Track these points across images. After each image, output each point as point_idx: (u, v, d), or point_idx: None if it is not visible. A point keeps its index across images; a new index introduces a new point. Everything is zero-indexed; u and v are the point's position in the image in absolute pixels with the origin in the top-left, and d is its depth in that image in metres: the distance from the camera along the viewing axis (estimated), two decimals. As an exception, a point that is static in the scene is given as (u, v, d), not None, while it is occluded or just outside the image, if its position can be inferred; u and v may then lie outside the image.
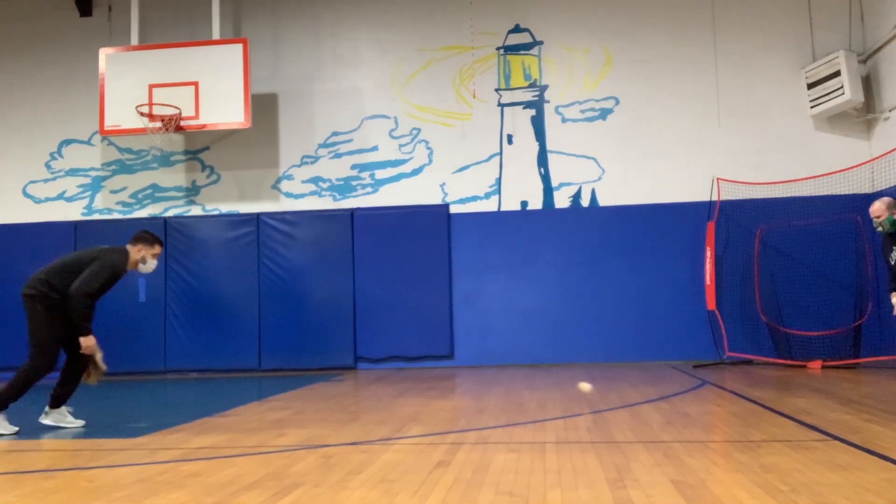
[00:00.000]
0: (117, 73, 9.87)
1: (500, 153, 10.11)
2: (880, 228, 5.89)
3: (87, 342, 5.24)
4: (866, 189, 9.17)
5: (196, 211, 10.57)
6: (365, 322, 9.94)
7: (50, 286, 5.31)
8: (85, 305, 5.18)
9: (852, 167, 9.08)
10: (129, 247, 5.55)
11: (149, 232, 5.65)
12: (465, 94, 10.22)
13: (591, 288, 9.70)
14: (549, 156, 10.02)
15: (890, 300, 6.03)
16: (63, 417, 5.51)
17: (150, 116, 9.59)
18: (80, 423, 5.53)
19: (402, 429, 4.90)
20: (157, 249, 5.62)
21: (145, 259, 5.55)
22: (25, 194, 10.91)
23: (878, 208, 5.86)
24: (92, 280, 5.21)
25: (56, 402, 5.50)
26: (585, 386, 6.84)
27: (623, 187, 9.81)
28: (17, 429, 5.27)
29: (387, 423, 5.15)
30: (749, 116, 9.70)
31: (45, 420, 5.50)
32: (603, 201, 9.85)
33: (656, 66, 9.91)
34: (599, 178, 9.89)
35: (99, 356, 5.42)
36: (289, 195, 10.43)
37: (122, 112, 9.73)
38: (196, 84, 9.69)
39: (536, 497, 3.04)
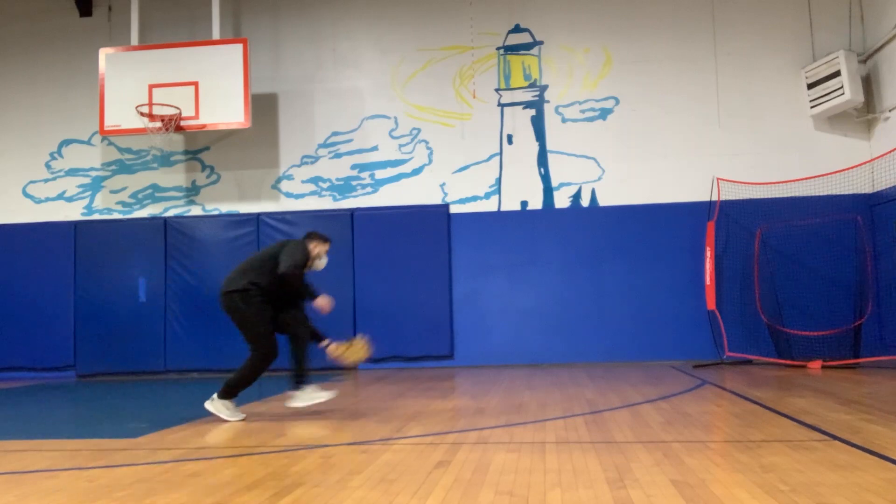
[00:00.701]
0: (117, 73, 9.87)
1: (500, 153, 10.11)
2: None
3: (321, 302, 5.73)
4: (866, 189, 9.17)
5: (196, 211, 10.57)
6: (365, 322, 9.94)
7: (249, 282, 5.56)
8: (299, 276, 5.55)
9: (852, 167, 9.08)
10: (305, 241, 5.83)
11: (319, 231, 5.96)
12: (465, 94, 10.22)
13: (591, 288, 9.70)
14: (549, 156, 10.02)
15: None
16: (314, 394, 5.68)
17: (150, 116, 9.59)
18: (330, 394, 5.73)
19: (402, 429, 4.90)
20: (328, 247, 5.93)
21: (321, 255, 5.88)
22: (25, 194, 10.91)
23: None
24: (293, 257, 5.53)
25: (299, 383, 5.70)
26: None
27: (623, 187, 9.81)
28: (244, 416, 5.63)
29: (387, 423, 5.15)
30: (749, 116, 9.70)
31: (297, 403, 5.67)
32: (603, 201, 9.85)
33: (656, 66, 9.92)
34: (599, 178, 9.89)
35: (361, 342, 5.82)
36: (289, 195, 10.43)
37: (122, 112, 9.73)
38: (196, 84, 9.69)
39: (536, 497, 3.04)
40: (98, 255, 10.40)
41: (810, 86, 9.35)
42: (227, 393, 5.65)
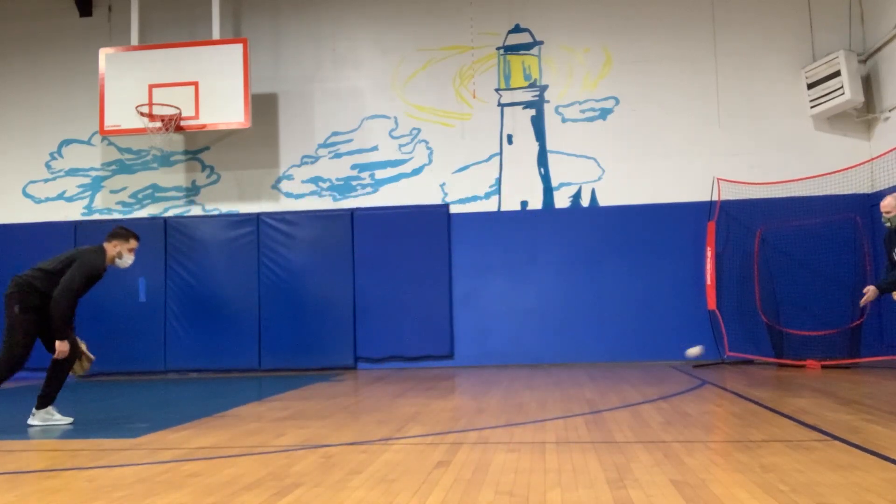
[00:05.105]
0: (117, 73, 9.87)
1: (500, 153, 10.11)
2: (888, 224, 6.06)
3: (63, 347, 5.28)
4: (866, 189, 9.17)
5: (196, 211, 10.57)
6: (365, 322, 9.94)
7: (32, 287, 5.32)
8: (67, 308, 5.23)
9: (852, 167, 9.08)
10: (105, 244, 5.59)
11: (123, 227, 5.72)
12: (465, 94, 10.22)
13: (592, 288, 9.70)
14: (549, 156, 10.02)
15: (891, 296, 6.16)
16: (50, 416, 5.52)
17: (150, 116, 9.59)
18: (69, 419, 5.55)
19: (402, 429, 4.90)
20: (133, 244, 5.66)
21: (121, 254, 5.60)
22: (25, 194, 10.91)
23: (889, 203, 6.04)
24: (72, 282, 5.27)
25: (43, 403, 5.51)
26: (694, 350, 6.86)
27: (623, 187, 9.81)
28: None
29: (387, 423, 5.15)
30: (749, 116, 9.70)
31: (33, 421, 5.50)
32: (603, 201, 9.85)
33: (656, 66, 9.91)
34: (599, 178, 9.89)
35: (83, 346, 5.48)
36: (289, 195, 10.43)
37: (122, 112, 9.74)
38: (196, 84, 9.69)
39: (536, 497, 3.04)
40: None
41: (810, 86, 9.35)
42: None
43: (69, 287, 5.24)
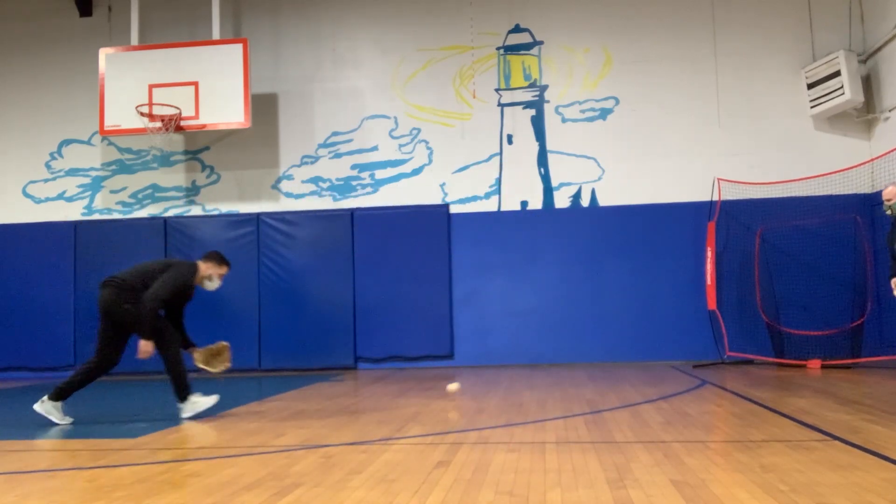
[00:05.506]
0: (117, 73, 9.87)
1: (500, 153, 10.11)
2: (889, 212, 6.17)
3: (146, 347, 5.50)
4: (866, 189, 9.17)
5: (196, 211, 10.57)
6: (365, 322, 9.94)
7: (129, 286, 5.53)
8: (152, 310, 5.47)
9: (852, 167, 9.08)
10: (199, 262, 5.88)
11: (220, 253, 6.00)
12: (465, 94, 10.22)
13: (591, 288, 9.70)
14: (549, 156, 10.02)
15: (891, 287, 6.23)
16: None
17: (150, 116, 9.59)
18: (69, 420, 5.56)
19: (402, 429, 4.90)
20: (224, 270, 5.95)
21: (212, 277, 5.91)
22: (25, 194, 10.91)
23: (891, 191, 6.11)
24: (162, 288, 5.53)
25: (58, 396, 5.52)
26: (453, 386, 6.77)
27: (623, 187, 9.81)
28: (71, 420, 5.55)
29: (387, 423, 5.15)
30: (749, 116, 9.70)
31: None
32: (603, 201, 9.85)
33: (656, 66, 9.92)
34: (599, 178, 9.89)
35: (228, 351, 5.93)
36: (289, 195, 10.43)
37: (122, 112, 9.74)
38: (196, 84, 9.69)
39: (536, 497, 3.03)
40: (98, 255, 10.39)
41: (810, 86, 9.35)
42: (59, 395, 5.53)
43: (158, 294, 5.49)
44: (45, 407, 5.49)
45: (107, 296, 5.49)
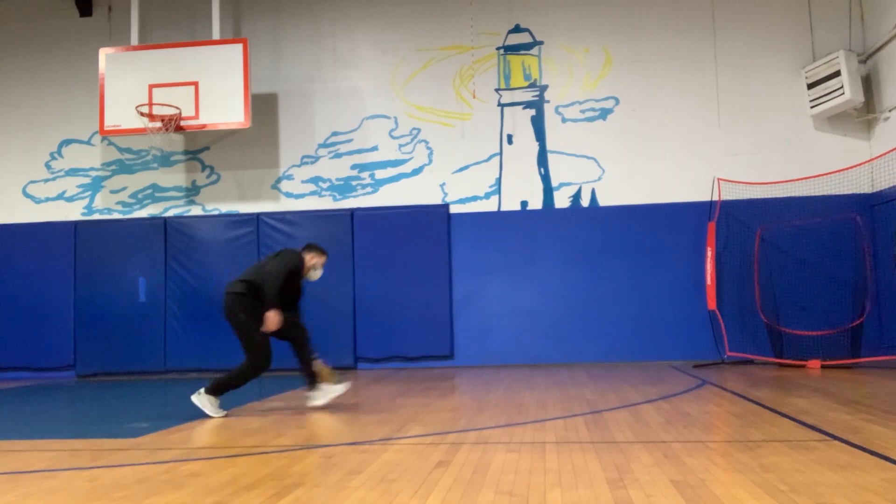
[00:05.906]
0: (117, 73, 9.87)
1: (500, 153, 10.11)
2: None
3: (273, 315, 5.68)
4: (866, 189, 9.17)
5: (196, 211, 10.57)
6: (365, 322, 9.94)
7: (246, 291, 5.79)
8: (273, 286, 5.67)
9: (852, 167, 9.08)
10: (303, 253, 6.08)
11: (317, 244, 6.21)
12: (465, 94, 10.22)
13: (592, 288, 9.70)
14: (549, 156, 10.02)
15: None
16: (331, 391, 6.04)
17: (150, 116, 9.60)
18: (223, 412, 5.84)
19: (402, 429, 4.90)
20: (324, 258, 6.17)
21: (316, 266, 6.11)
22: (25, 194, 10.91)
23: None
24: (277, 268, 5.77)
25: (312, 383, 6.07)
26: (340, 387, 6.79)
27: (623, 187, 9.81)
28: (225, 412, 5.85)
29: (387, 423, 5.15)
30: (749, 116, 9.70)
31: (316, 402, 6.03)
32: (603, 201, 9.85)
33: (656, 66, 9.92)
34: (599, 178, 9.89)
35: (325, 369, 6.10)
36: (289, 195, 10.43)
37: (122, 112, 9.74)
38: (196, 84, 9.69)
39: (536, 497, 3.04)
40: (98, 255, 10.40)
41: (810, 86, 9.35)
42: (215, 390, 5.82)
43: (275, 273, 5.73)
44: (200, 399, 5.79)
45: (227, 302, 5.79)
